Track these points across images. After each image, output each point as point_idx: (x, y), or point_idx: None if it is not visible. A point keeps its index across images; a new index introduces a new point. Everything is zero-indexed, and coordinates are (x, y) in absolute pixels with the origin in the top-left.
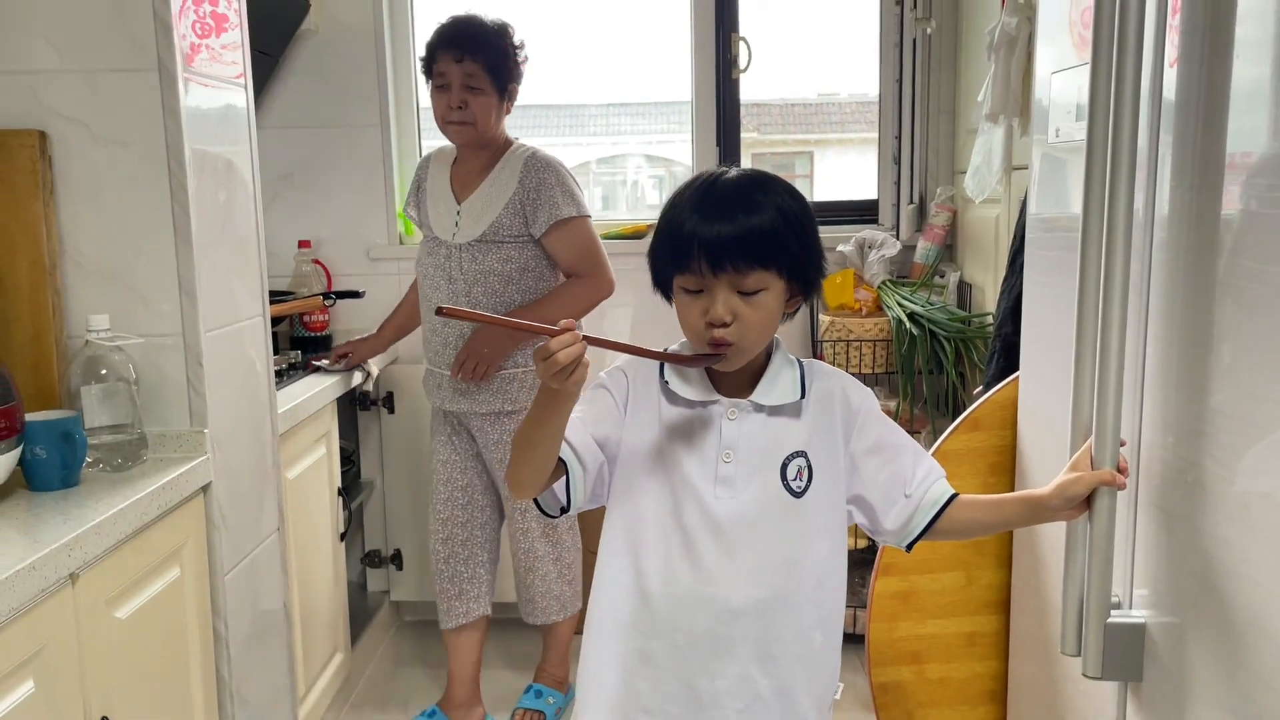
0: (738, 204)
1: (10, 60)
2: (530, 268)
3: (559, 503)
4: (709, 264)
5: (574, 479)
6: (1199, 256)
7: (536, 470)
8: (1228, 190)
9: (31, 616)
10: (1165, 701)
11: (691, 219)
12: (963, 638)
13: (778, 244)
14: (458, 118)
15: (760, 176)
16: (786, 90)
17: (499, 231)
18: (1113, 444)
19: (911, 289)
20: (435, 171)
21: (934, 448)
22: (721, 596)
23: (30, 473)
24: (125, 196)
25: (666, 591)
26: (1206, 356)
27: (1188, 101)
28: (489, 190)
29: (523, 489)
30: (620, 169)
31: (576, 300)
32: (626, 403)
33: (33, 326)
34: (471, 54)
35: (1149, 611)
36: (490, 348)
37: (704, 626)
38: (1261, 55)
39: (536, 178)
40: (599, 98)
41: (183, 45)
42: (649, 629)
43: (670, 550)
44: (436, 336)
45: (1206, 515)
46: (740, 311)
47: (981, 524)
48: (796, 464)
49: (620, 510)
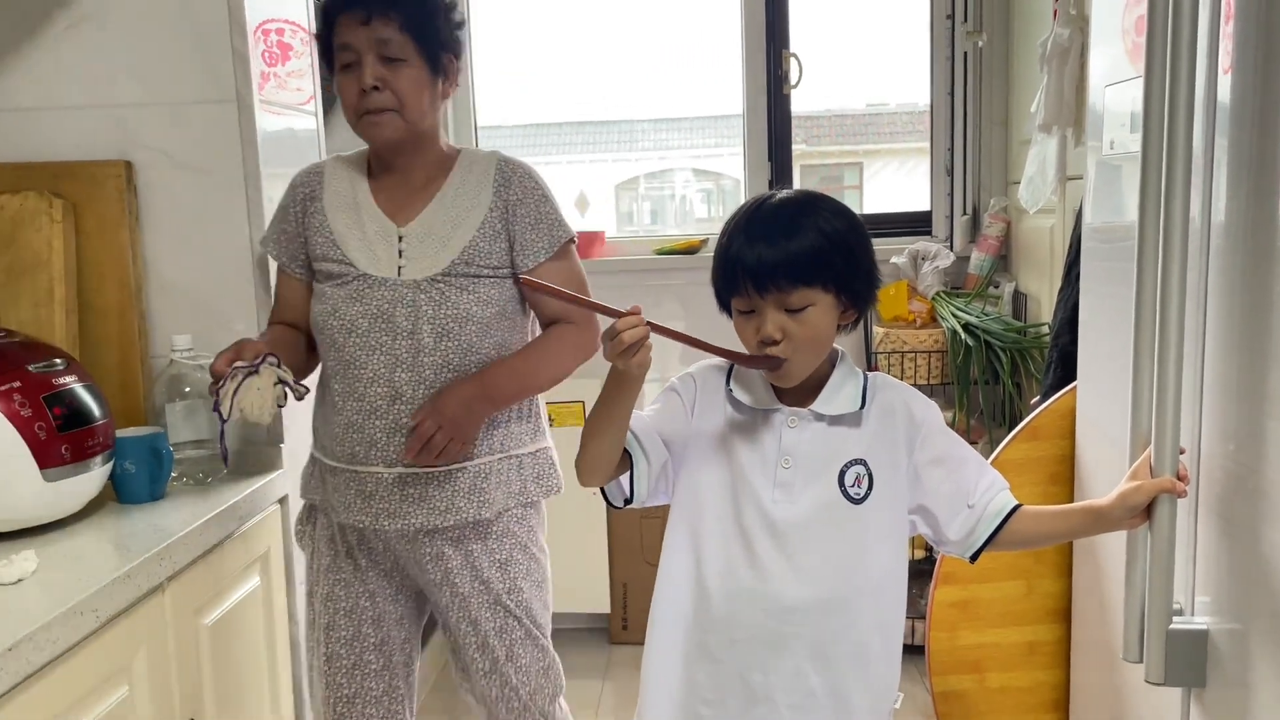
0: (779, 227)
1: (99, 95)
2: (508, 312)
3: (624, 494)
4: (754, 286)
5: (639, 471)
6: (1256, 263)
7: (605, 457)
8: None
9: (126, 623)
10: (1229, 708)
11: (737, 242)
12: (1023, 647)
13: (820, 262)
14: (376, 103)
15: (806, 198)
16: (834, 101)
17: (474, 261)
18: (1172, 452)
19: (966, 300)
20: (336, 187)
21: (992, 457)
22: (775, 594)
23: (120, 486)
24: (205, 221)
25: (724, 587)
26: (1265, 363)
27: (1242, 108)
28: (450, 206)
29: (591, 476)
30: (669, 184)
31: (564, 358)
32: (694, 406)
33: (120, 347)
34: (382, 11)
35: (1211, 618)
36: (468, 411)
37: (758, 622)
38: None
39: (521, 186)
40: (647, 113)
41: (275, 68)
42: (707, 623)
43: (729, 548)
44: (377, 420)
45: (1268, 522)
46: (789, 329)
47: (1044, 535)
48: (855, 471)
49: (683, 509)
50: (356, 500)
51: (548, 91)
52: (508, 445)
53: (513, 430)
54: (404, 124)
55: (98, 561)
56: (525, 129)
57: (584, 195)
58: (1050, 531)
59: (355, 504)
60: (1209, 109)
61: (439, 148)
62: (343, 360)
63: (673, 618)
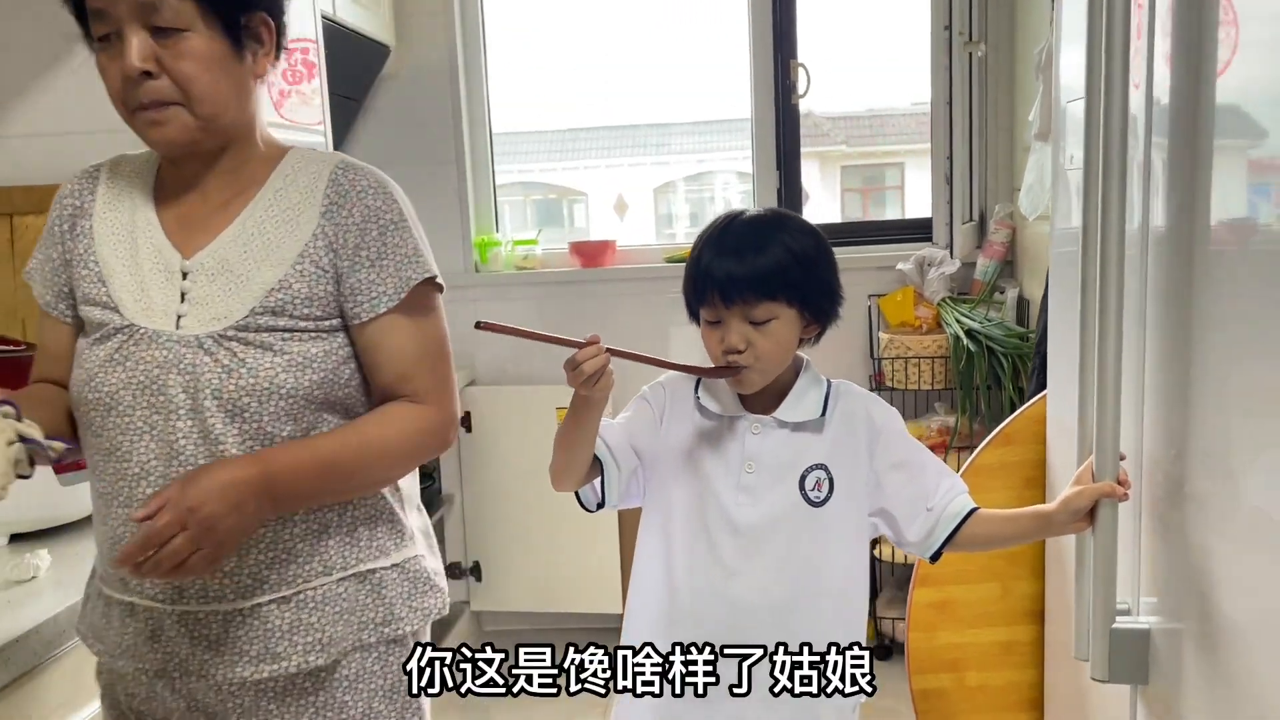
0: (748, 243)
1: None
2: (339, 381)
3: (597, 498)
4: (721, 298)
5: (609, 478)
6: (1189, 275)
7: (575, 468)
8: (1215, 210)
9: None
10: (1169, 704)
11: (707, 256)
12: (1000, 646)
13: (785, 278)
14: (151, 95)
15: (775, 216)
16: (877, 101)
17: (285, 309)
18: (1113, 457)
19: (970, 306)
20: (112, 201)
21: (968, 462)
22: (738, 593)
23: None
24: None
25: (690, 586)
26: (1196, 372)
27: (1177, 117)
28: (257, 230)
29: (563, 483)
30: (708, 186)
31: (404, 447)
32: (664, 414)
33: None
34: None
35: (1155, 618)
36: (233, 509)
37: (722, 620)
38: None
39: (362, 205)
40: (686, 116)
41: (270, 93)
42: (676, 622)
43: (695, 549)
44: None
45: (1201, 526)
46: (752, 340)
47: (998, 537)
48: (815, 476)
49: (654, 512)
50: (136, 643)
51: (581, 95)
52: (351, 559)
53: (359, 537)
54: (195, 121)
55: None
56: (561, 134)
57: (622, 199)
58: (1003, 534)
59: (135, 648)
60: (1148, 118)
61: (254, 148)
62: (103, 449)
63: (645, 618)
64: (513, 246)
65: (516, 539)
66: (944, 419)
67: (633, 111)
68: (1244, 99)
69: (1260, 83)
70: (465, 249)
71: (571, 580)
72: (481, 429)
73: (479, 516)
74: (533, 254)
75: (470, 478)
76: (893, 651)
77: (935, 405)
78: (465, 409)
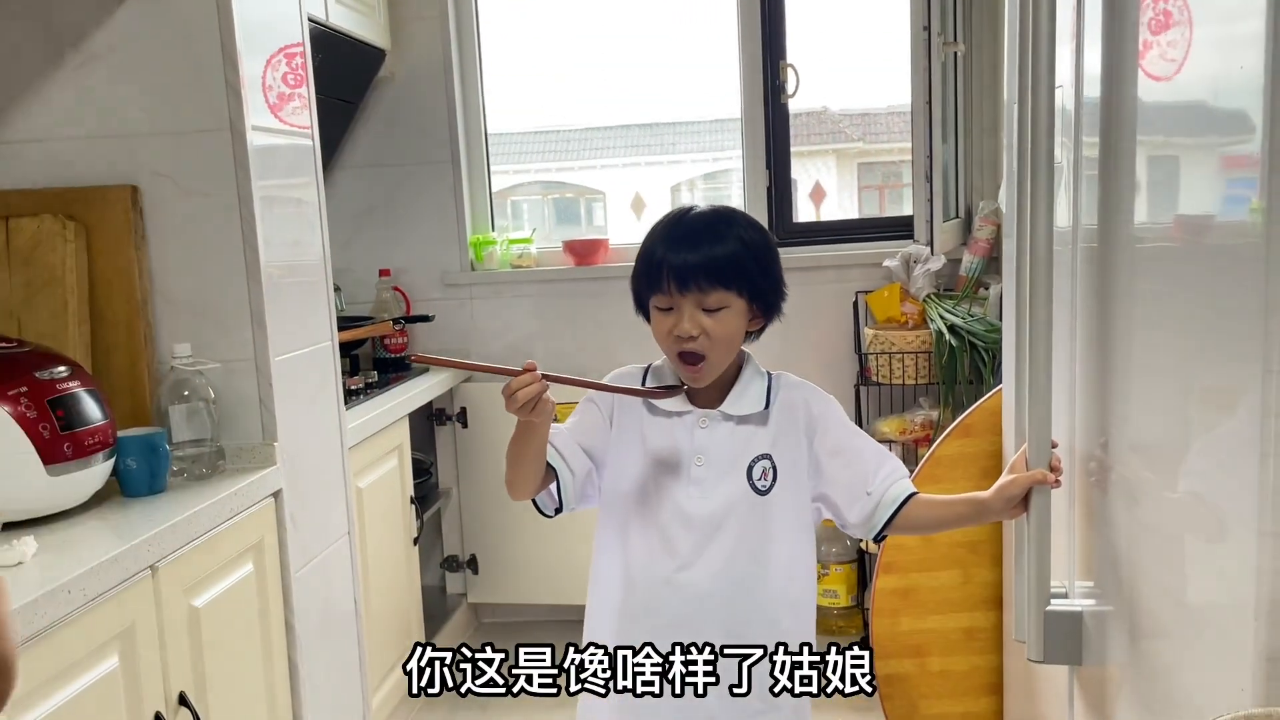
0: (703, 233)
1: (108, 126)
2: None
3: (554, 504)
4: (677, 284)
5: (564, 483)
6: (1111, 271)
7: (528, 480)
8: (1136, 208)
9: (115, 602)
10: (1101, 684)
11: (662, 247)
12: (961, 632)
13: (738, 268)
14: None
15: (727, 211)
16: (895, 98)
17: None
18: (1044, 445)
19: (955, 302)
20: None
21: (929, 453)
22: (692, 581)
23: (123, 481)
24: (205, 239)
25: (646, 577)
26: (1121, 364)
27: (1102, 118)
28: None
29: (518, 493)
30: (725, 184)
31: None
32: (612, 415)
33: (128, 355)
34: None
35: (1088, 601)
36: None
37: (677, 609)
38: (1161, 71)
39: None
40: (702, 115)
41: (269, 96)
42: (634, 613)
43: (650, 542)
44: None
45: (1127, 511)
46: (706, 326)
47: (936, 521)
48: (761, 465)
49: (609, 510)
50: None
51: (595, 95)
52: None
53: None
54: None
55: (92, 547)
56: (580, 133)
57: (640, 197)
58: (940, 518)
59: None
60: (1076, 120)
61: None
62: None
63: (605, 611)
64: (508, 245)
65: (513, 531)
66: (928, 413)
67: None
68: (1173, 96)
69: (1191, 81)
70: (461, 248)
71: (569, 571)
72: (477, 424)
73: (475, 510)
74: (528, 253)
75: (466, 472)
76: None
77: (920, 400)
78: (461, 404)
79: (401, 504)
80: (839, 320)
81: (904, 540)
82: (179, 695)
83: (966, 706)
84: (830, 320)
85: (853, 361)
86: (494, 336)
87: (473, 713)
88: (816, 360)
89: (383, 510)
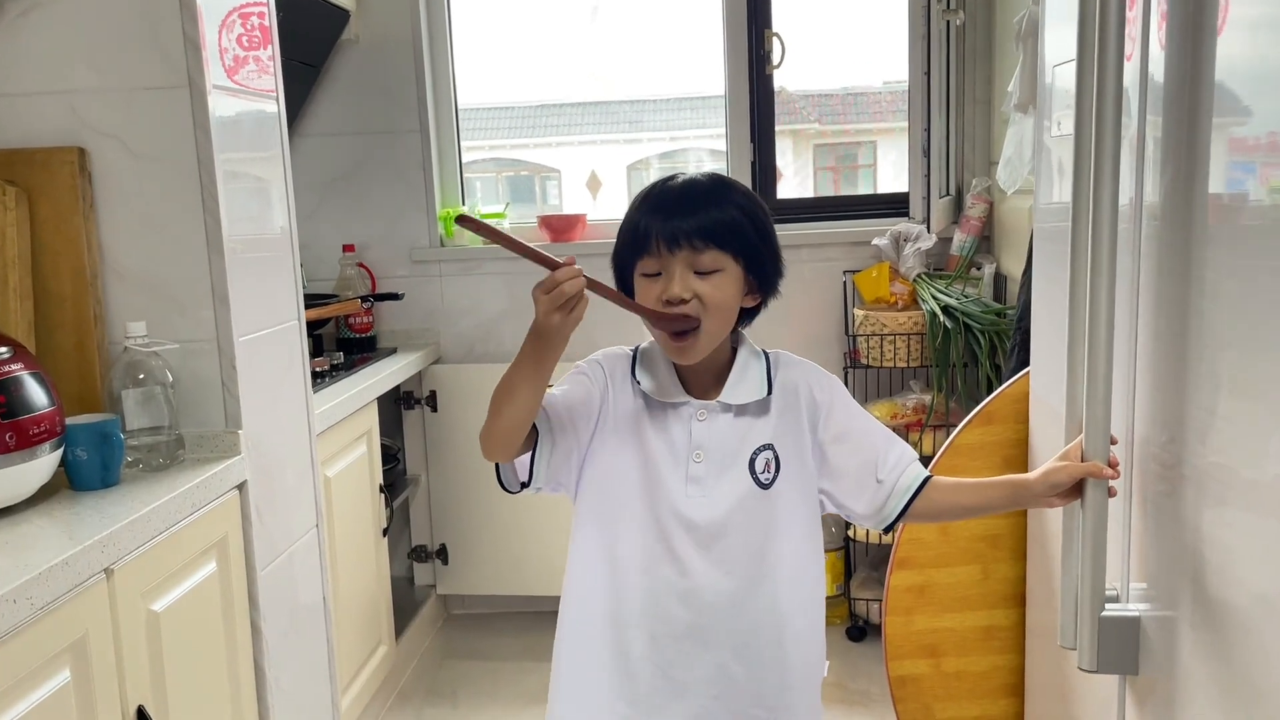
0: (698, 196)
1: (51, 81)
2: None
3: (519, 478)
4: (665, 242)
5: (541, 449)
6: (1183, 248)
7: (512, 428)
8: (1212, 180)
9: (67, 609)
10: (1160, 695)
11: (647, 210)
12: (979, 631)
13: (735, 230)
14: None
15: (721, 177)
16: (851, 79)
17: None
18: (1103, 438)
19: (947, 282)
20: None
21: (948, 441)
22: (696, 588)
23: (72, 473)
24: (160, 208)
25: (644, 584)
26: (1190, 351)
27: (1172, 90)
28: None
29: (494, 448)
30: (682, 164)
31: None
32: (604, 394)
33: (76, 334)
34: None
35: (1144, 605)
36: None
37: (679, 617)
38: (1244, 41)
39: None
40: (657, 93)
41: (225, 59)
42: (626, 621)
43: (648, 545)
44: None
45: (1197, 510)
46: (699, 289)
47: (963, 506)
48: (764, 457)
49: (592, 504)
50: None
51: (551, 72)
52: None
53: None
54: None
55: (40, 549)
56: (534, 110)
57: (595, 175)
58: (969, 503)
59: None
60: (1141, 90)
61: None
62: None
63: (586, 617)
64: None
65: (484, 520)
66: (920, 397)
67: (605, 87)
68: (1247, 68)
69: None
70: (430, 222)
71: (541, 562)
72: (447, 408)
73: (445, 498)
74: (501, 228)
75: (436, 458)
76: (866, 633)
77: (910, 383)
78: (431, 388)
79: (371, 493)
80: (827, 300)
81: (921, 534)
82: (137, 709)
83: (983, 709)
84: (818, 301)
85: (842, 343)
86: (464, 315)
87: (443, 709)
88: (804, 342)
89: (351, 500)
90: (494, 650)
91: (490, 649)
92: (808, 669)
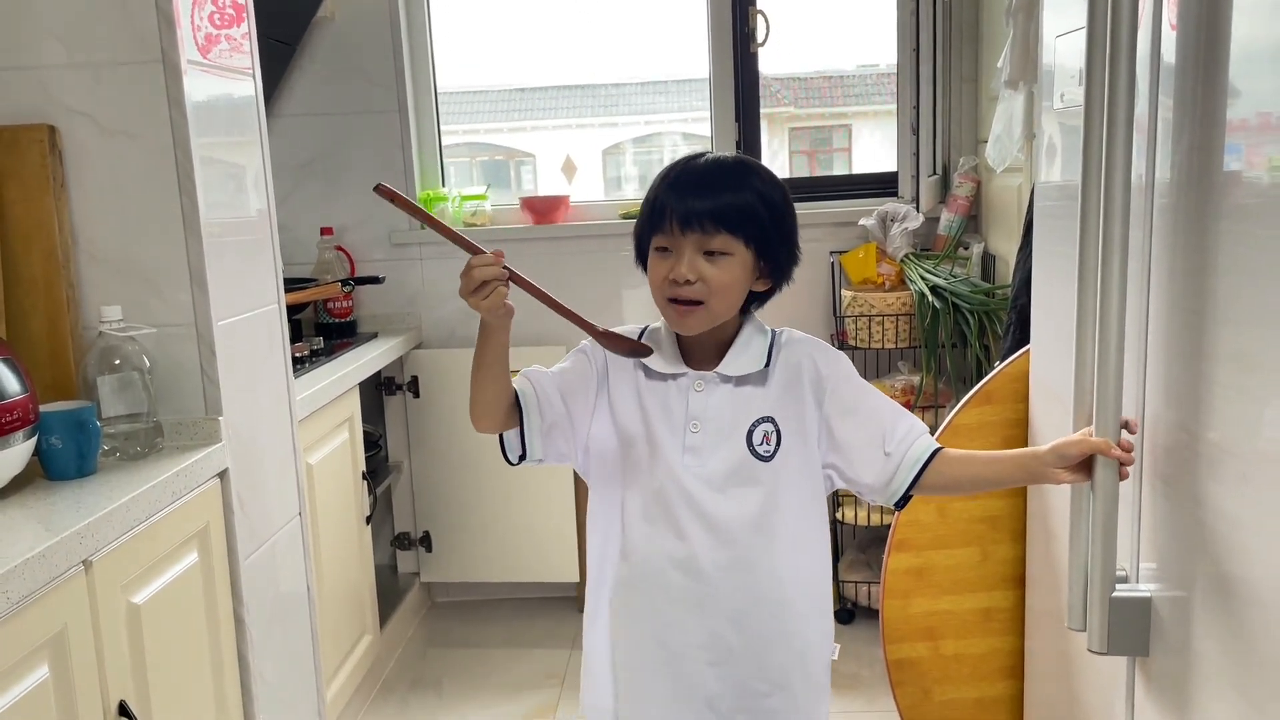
0: (715, 176)
1: (19, 56)
2: None
3: (518, 450)
4: (679, 222)
5: (529, 425)
6: (1196, 223)
7: (488, 405)
8: (1228, 154)
9: (44, 604)
10: (1172, 676)
11: (668, 187)
12: (978, 613)
13: (748, 215)
14: None
15: (745, 160)
16: (824, 62)
17: None
18: (1114, 416)
19: (935, 261)
20: None
21: (946, 421)
22: (692, 555)
23: (46, 462)
24: (135, 189)
25: (643, 551)
26: (1205, 326)
27: (1186, 63)
28: None
29: (480, 420)
30: (657, 148)
31: None
32: (606, 373)
33: (48, 319)
34: None
35: (1155, 585)
36: None
37: (676, 584)
38: (1260, 15)
39: None
40: (633, 76)
41: (197, 36)
42: (631, 587)
43: (649, 513)
44: None
45: (1209, 488)
46: (705, 272)
47: (972, 479)
48: (763, 429)
49: (601, 476)
50: None
51: (528, 55)
52: None
53: None
54: None
55: (14, 541)
56: (509, 94)
57: (570, 160)
58: (979, 476)
59: None
60: (1153, 63)
61: None
62: None
63: (600, 585)
64: (460, 203)
65: (468, 507)
66: (909, 378)
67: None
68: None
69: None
70: None
71: (526, 549)
72: (429, 394)
73: (428, 485)
74: (482, 210)
75: (418, 444)
76: (855, 615)
77: (899, 364)
78: (412, 373)
79: (354, 480)
80: (814, 281)
81: (918, 516)
82: (119, 705)
83: (982, 691)
84: (805, 282)
85: (830, 324)
86: (446, 299)
87: (429, 700)
88: (791, 323)
89: (334, 488)
90: (479, 638)
91: (475, 637)
92: (810, 647)
